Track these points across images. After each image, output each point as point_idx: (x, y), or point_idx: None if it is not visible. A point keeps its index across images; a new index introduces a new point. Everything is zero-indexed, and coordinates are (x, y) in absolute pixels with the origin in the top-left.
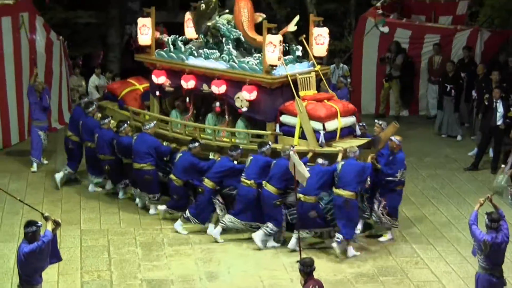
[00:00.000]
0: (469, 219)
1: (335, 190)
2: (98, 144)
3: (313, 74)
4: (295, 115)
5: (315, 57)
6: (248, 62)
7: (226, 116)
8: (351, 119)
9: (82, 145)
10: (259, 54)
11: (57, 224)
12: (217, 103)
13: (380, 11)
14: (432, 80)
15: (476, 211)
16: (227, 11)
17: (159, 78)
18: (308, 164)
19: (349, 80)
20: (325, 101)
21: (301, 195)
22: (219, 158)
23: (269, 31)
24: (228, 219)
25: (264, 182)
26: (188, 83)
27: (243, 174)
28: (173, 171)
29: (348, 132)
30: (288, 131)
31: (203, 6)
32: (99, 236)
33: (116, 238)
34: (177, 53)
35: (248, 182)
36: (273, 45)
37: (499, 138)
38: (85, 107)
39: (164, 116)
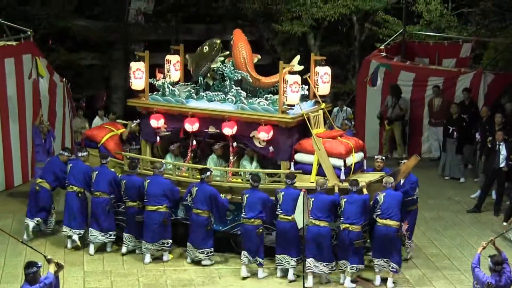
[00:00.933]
0: (472, 262)
1: (381, 221)
2: (97, 182)
3: (321, 112)
4: (310, 152)
5: (320, 96)
6: (259, 103)
7: (231, 157)
8: (361, 155)
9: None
10: (269, 95)
11: (59, 267)
12: (217, 145)
13: (383, 54)
14: (432, 122)
15: (479, 253)
16: (227, 53)
17: (159, 122)
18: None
19: (352, 122)
20: (338, 138)
21: (347, 225)
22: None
23: (317, 63)
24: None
25: (311, 221)
26: (193, 126)
27: (280, 211)
28: (194, 206)
29: (358, 166)
30: (303, 168)
31: (206, 48)
32: (102, 278)
33: (119, 279)
34: (173, 96)
35: (289, 217)
36: (297, 84)
37: (502, 181)
38: (79, 151)
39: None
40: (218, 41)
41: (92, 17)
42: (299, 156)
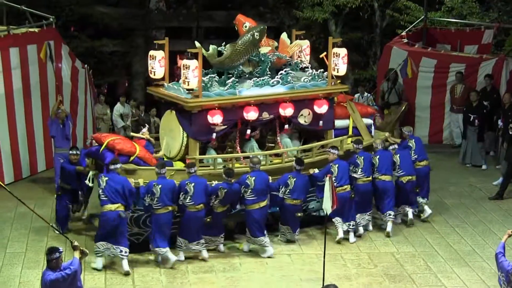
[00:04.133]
0: (497, 249)
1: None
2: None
3: None
4: (343, 117)
5: (337, 77)
6: (304, 80)
7: (279, 137)
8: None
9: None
10: (310, 70)
11: (83, 254)
12: (248, 130)
13: (405, 40)
14: (454, 109)
15: (503, 242)
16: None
17: (214, 118)
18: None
19: None
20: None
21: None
22: None
23: (334, 45)
24: None
25: (378, 176)
26: (252, 115)
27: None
28: (291, 196)
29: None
30: (336, 134)
31: (257, 35)
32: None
33: (141, 265)
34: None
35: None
36: (341, 58)
37: None
38: (112, 163)
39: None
40: (265, 27)
41: (114, 4)
42: (336, 123)
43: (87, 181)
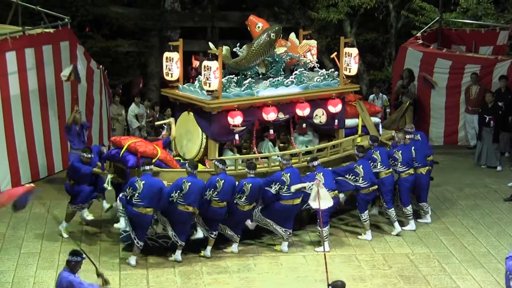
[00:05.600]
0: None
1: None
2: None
3: None
4: (352, 116)
5: (349, 76)
6: (317, 79)
7: (292, 138)
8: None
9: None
10: (321, 70)
11: (106, 283)
12: (271, 131)
13: (420, 41)
14: (469, 110)
15: None
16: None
17: (235, 119)
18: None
19: (388, 110)
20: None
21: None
22: None
23: (346, 44)
24: None
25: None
26: (269, 115)
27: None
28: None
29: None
30: (346, 134)
31: (273, 35)
32: (138, 264)
33: (155, 266)
34: (244, 89)
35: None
36: (353, 57)
37: None
38: (144, 164)
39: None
40: (280, 27)
41: (129, 4)
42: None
43: (105, 185)
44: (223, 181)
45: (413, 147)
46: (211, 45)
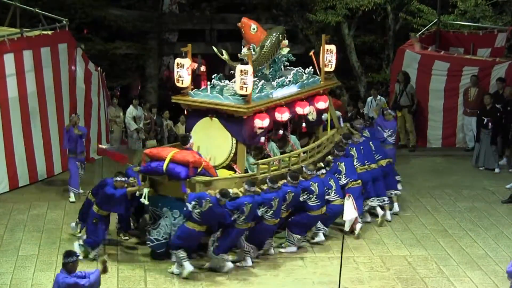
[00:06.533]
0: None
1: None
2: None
3: None
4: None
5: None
6: (305, 77)
7: (289, 137)
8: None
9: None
10: (303, 69)
11: (105, 270)
12: (281, 130)
13: (418, 43)
14: (467, 112)
15: None
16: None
17: (264, 121)
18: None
19: (385, 112)
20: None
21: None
22: None
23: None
24: None
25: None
26: (283, 116)
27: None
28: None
29: None
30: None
31: (280, 36)
32: (136, 266)
33: (153, 268)
34: (262, 90)
35: None
36: (333, 53)
37: None
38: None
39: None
40: (284, 28)
41: (127, 6)
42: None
43: (142, 199)
44: (293, 194)
45: (361, 147)
46: (214, 48)
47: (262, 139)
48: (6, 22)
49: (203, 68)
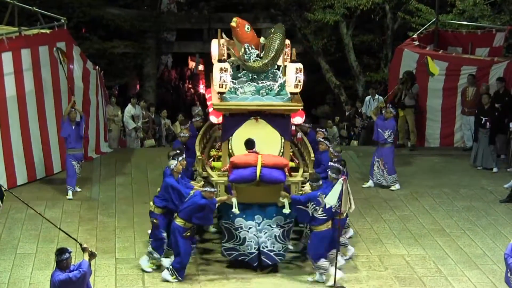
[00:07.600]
0: (505, 252)
1: None
2: None
3: None
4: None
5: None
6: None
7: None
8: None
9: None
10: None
11: (92, 256)
12: (299, 134)
13: (416, 43)
14: (466, 111)
15: None
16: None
17: (295, 119)
18: None
19: (383, 111)
20: None
21: None
22: None
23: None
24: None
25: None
26: (295, 120)
27: None
28: None
29: None
30: None
31: (284, 35)
32: (133, 265)
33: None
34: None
35: None
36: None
37: None
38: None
39: None
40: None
41: (125, 5)
42: None
43: (234, 209)
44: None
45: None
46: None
47: (299, 134)
48: (4, 21)
49: (201, 67)
